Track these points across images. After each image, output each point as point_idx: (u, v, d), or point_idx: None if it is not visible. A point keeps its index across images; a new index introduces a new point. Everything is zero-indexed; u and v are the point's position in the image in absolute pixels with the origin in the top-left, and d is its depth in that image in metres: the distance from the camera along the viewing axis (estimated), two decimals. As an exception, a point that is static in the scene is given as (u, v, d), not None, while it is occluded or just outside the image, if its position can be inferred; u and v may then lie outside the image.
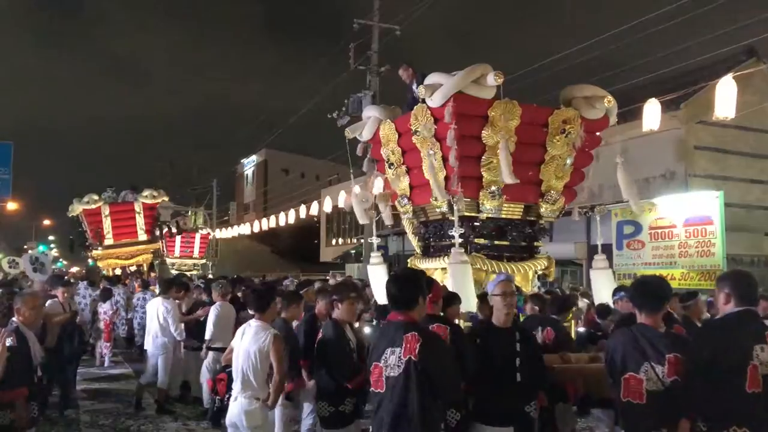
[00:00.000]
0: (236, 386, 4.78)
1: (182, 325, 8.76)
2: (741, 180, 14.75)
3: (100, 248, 20.37)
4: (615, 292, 7.28)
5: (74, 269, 58.70)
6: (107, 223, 20.13)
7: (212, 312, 8.20)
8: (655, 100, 10.56)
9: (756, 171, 15.14)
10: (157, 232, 21.27)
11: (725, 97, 8.96)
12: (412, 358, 3.36)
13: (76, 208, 20.30)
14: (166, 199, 21.78)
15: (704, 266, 10.38)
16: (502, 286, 4.20)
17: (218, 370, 5.46)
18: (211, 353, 8.17)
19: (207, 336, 8.08)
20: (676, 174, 14.71)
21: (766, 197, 15.09)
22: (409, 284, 3.66)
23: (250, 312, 5.07)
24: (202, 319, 8.59)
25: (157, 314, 8.60)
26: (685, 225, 10.77)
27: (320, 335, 4.78)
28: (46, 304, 7.24)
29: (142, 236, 20.84)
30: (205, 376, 8.19)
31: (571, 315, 10.49)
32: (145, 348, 9.08)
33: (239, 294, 9.69)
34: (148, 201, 20.78)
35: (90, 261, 24.47)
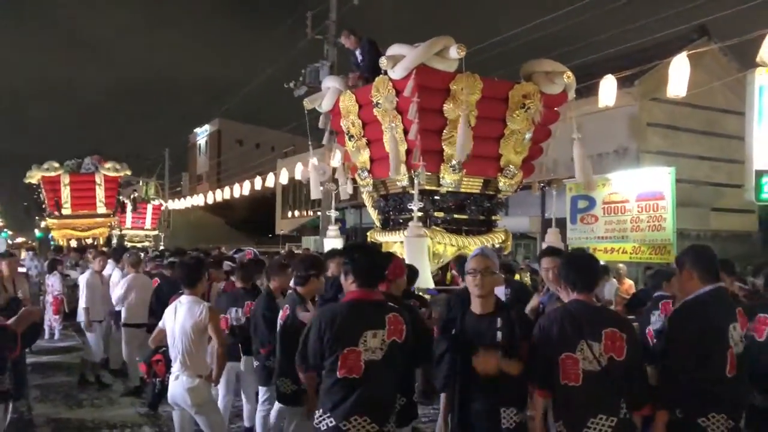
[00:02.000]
0: (176, 365, 4.65)
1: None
2: (690, 157, 15.13)
3: (55, 218, 19.89)
4: None
5: (20, 239, 56.99)
6: (66, 193, 19.68)
7: (123, 284, 7.86)
8: (611, 77, 10.70)
9: (705, 148, 15.54)
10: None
11: (678, 75, 9.14)
12: (398, 340, 3.23)
13: (35, 175, 19.76)
14: (128, 173, 21.39)
15: (655, 240, 10.66)
16: (473, 261, 3.54)
17: (150, 351, 5.26)
18: (125, 330, 7.90)
19: (118, 309, 7.88)
20: (628, 150, 15.01)
21: (714, 173, 15.53)
22: (378, 259, 3.53)
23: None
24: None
25: (82, 287, 8.44)
26: (637, 200, 11.02)
27: (287, 311, 4.63)
28: None
29: (101, 209, 20.44)
30: (125, 353, 7.99)
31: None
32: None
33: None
34: (110, 174, 20.36)
35: (37, 232, 23.80)
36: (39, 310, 5.26)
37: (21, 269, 10.80)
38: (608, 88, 10.23)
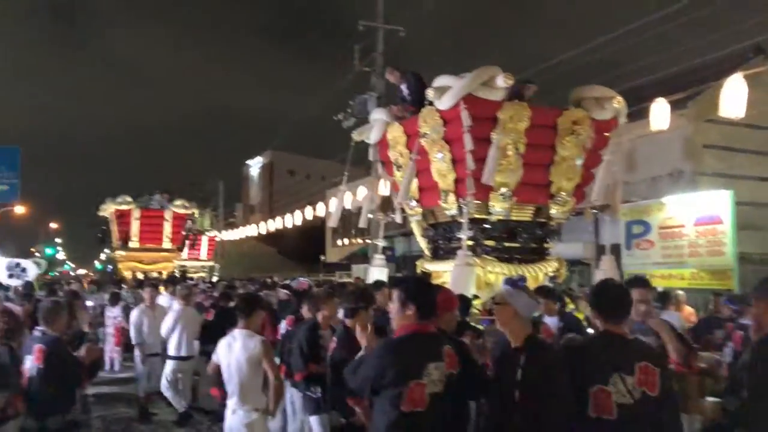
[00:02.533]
0: (233, 400, 4.72)
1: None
2: (750, 178, 14.65)
3: (123, 250, 20.69)
4: None
5: (81, 272, 59.02)
6: (135, 226, 20.45)
7: (170, 317, 7.94)
8: (662, 100, 10.50)
9: (765, 168, 15.03)
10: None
11: (733, 95, 8.91)
12: (454, 372, 3.23)
13: (108, 207, 20.63)
14: (195, 211, 22.06)
15: (714, 266, 10.34)
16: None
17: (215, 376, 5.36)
18: (170, 362, 7.94)
19: (168, 343, 7.90)
20: (683, 173, 14.63)
21: (776, 195, 14.98)
22: (434, 292, 3.51)
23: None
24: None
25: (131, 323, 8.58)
26: (695, 224, 10.73)
27: (335, 344, 4.66)
28: None
29: (167, 244, 21.15)
30: (165, 387, 8.07)
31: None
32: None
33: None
34: (179, 211, 21.12)
35: (97, 264, 24.69)
36: (101, 347, 5.50)
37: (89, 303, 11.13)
38: (660, 112, 10.03)
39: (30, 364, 4.51)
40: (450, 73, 7.63)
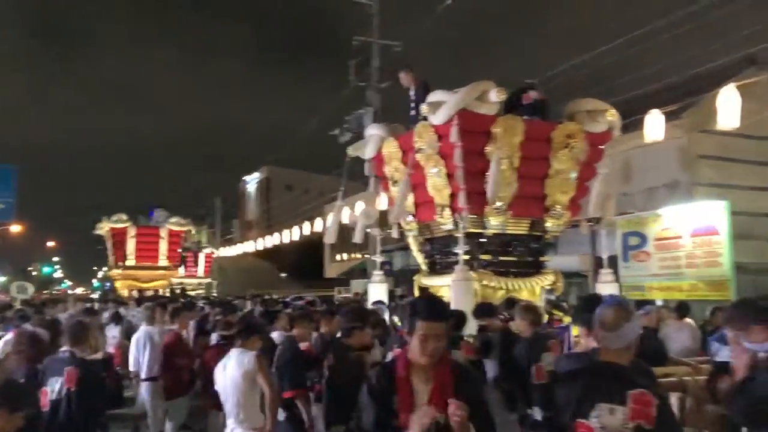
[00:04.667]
0: (230, 420, 4.68)
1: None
2: (746, 188, 14.65)
3: (119, 268, 20.72)
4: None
5: (79, 290, 58.90)
6: (131, 244, 20.48)
7: (138, 337, 7.75)
8: (657, 111, 10.55)
9: (760, 178, 15.03)
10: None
11: (728, 106, 8.97)
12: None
13: (104, 226, 20.66)
14: (192, 228, 22.11)
15: (712, 277, 10.31)
16: None
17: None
18: (145, 384, 7.67)
19: (131, 366, 7.72)
20: (680, 183, 14.64)
21: (772, 204, 14.98)
22: None
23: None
24: None
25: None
26: (691, 235, 10.71)
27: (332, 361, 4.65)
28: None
29: (163, 261, 21.19)
30: (149, 407, 7.76)
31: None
32: None
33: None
34: (174, 228, 21.15)
35: (95, 282, 24.67)
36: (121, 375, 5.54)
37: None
38: (654, 123, 10.08)
39: (58, 386, 4.26)
40: (447, 87, 7.66)
